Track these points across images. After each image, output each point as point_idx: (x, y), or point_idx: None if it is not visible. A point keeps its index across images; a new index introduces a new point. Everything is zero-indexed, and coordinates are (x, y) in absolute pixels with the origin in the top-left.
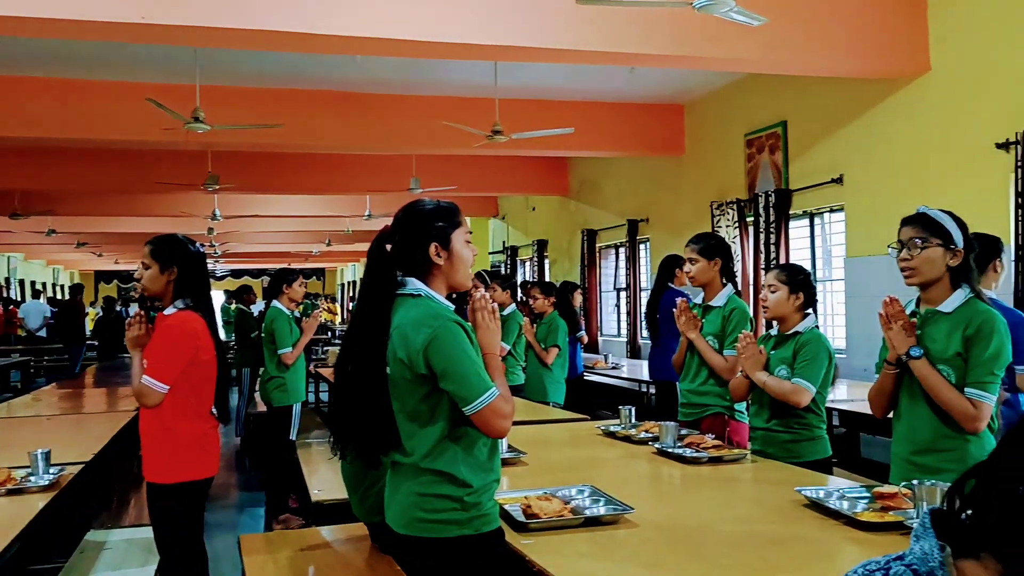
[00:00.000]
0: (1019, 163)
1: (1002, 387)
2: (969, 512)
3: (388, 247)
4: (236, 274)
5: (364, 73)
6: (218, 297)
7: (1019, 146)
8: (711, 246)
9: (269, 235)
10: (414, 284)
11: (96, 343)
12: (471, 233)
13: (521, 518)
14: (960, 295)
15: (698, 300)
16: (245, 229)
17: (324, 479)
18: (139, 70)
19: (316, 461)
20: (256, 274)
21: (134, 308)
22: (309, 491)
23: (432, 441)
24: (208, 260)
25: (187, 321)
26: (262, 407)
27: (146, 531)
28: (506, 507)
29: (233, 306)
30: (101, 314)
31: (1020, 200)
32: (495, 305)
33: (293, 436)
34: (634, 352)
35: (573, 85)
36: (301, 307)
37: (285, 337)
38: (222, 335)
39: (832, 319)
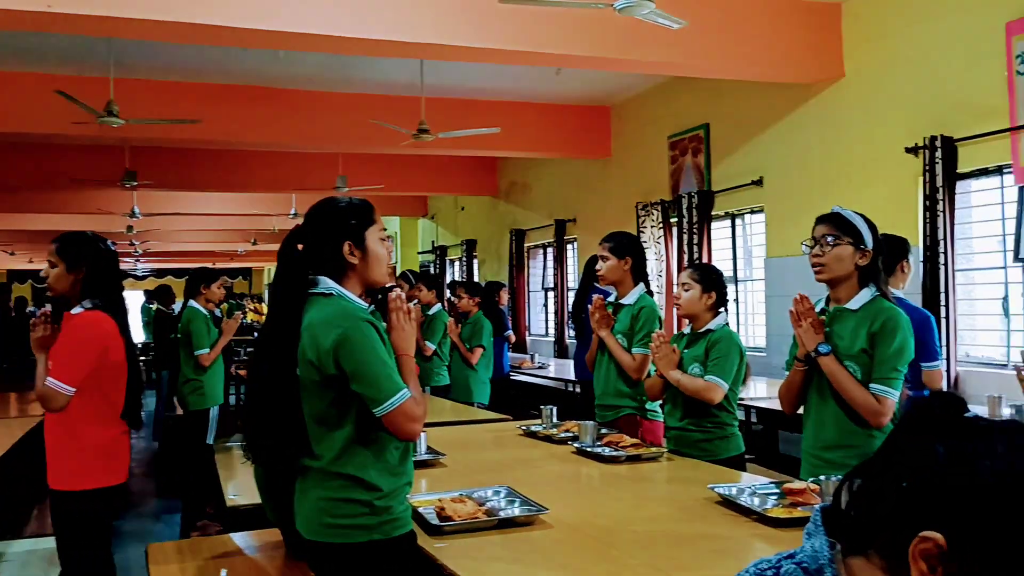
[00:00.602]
0: (927, 167)
1: (905, 384)
2: (855, 509)
3: (300, 246)
4: (159, 273)
5: (288, 69)
6: (138, 297)
7: (927, 151)
8: (622, 244)
9: (192, 233)
10: (326, 283)
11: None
12: (386, 231)
13: (435, 521)
14: (867, 293)
15: (611, 298)
16: (167, 227)
17: (242, 484)
18: (49, 61)
19: (234, 466)
20: (179, 274)
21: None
22: (224, 496)
23: (341, 444)
24: (129, 259)
25: (95, 321)
26: (181, 411)
27: (48, 541)
28: (420, 510)
29: (154, 306)
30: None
31: (928, 203)
32: (411, 305)
33: (210, 440)
34: (561, 351)
35: (500, 85)
36: (225, 306)
37: (202, 338)
38: (141, 336)
39: (752, 318)
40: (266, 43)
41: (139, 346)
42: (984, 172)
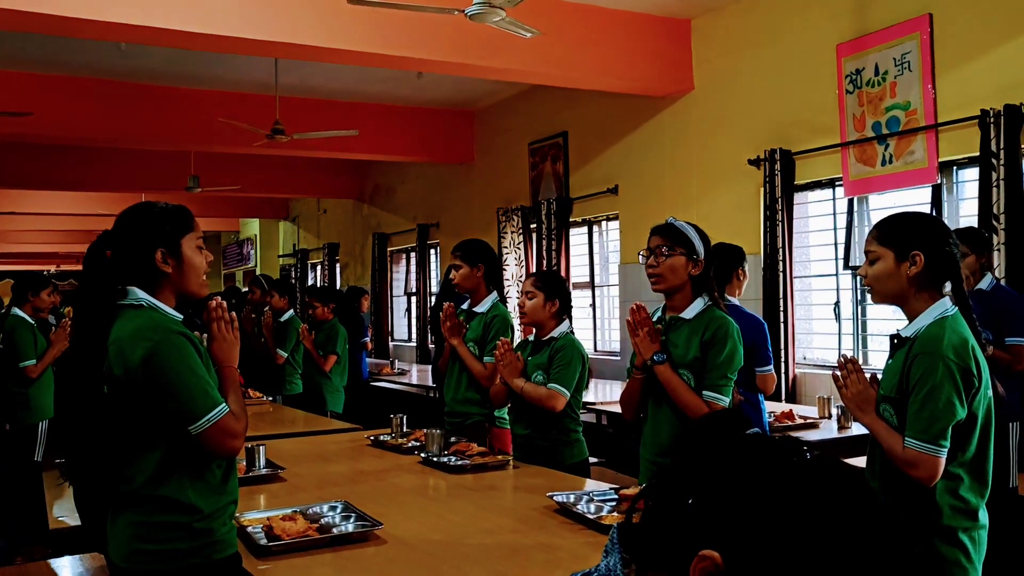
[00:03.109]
0: (767, 178)
1: (738, 389)
2: (646, 526)
3: (108, 253)
4: None
5: (131, 61)
6: None
7: (767, 163)
8: (473, 252)
9: (32, 234)
10: (136, 294)
11: None
12: (203, 238)
13: (263, 541)
14: (699, 303)
15: (464, 306)
16: (3, 227)
17: (69, 505)
18: None
19: (61, 485)
20: (15, 276)
21: None
22: (48, 518)
23: (155, 465)
24: None
25: None
26: (8, 426)
27: None
28: (248, 529)
29: None
30: None
31: (768, 213)
32: (232, 314)
33: (38, 458)
34: (423, 357)
35: (362, 88)
36: (71, 310)
37: (28, 349)
38: None
39: (608, 322)
40: (103, 35)
41: None
42: (819, 184)
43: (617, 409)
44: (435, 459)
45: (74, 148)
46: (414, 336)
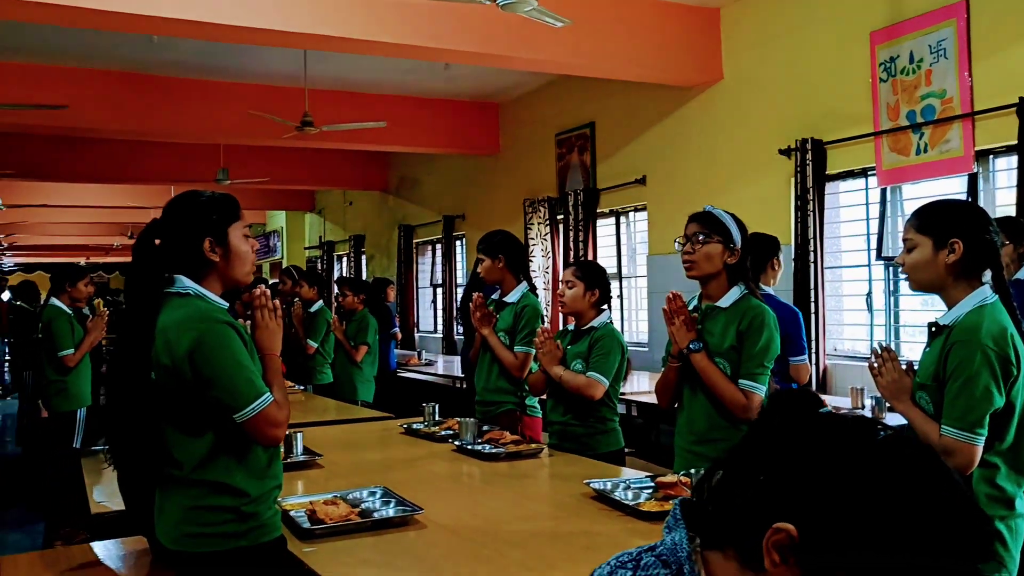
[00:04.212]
0: (798, 169)
1: (774, 378)
2: (714, 503)
3: (157, 241)
4: (28, 268)
5: (162, 55)
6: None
7: (798, 153)
8: (493, 244)
9: (63, 227)
10: (183, 282)
11: None
12: (250, 227)
13: (306, 524)
14: (736, 291)
15: (495, 296)
16: (34, 219)
17: (108, 490)
18: None
19: (101, 470)
20: (50, 269)
21: None
22: (89, 503)
23: (203, 450)
24: None
25: None
26: (46, 413)
27: None
28: (291, 513)
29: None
30: None
31: (799, 203)
32: (276, 302)
33: (77, 444)
34: (449, 348)
35: (389, 79)
36: (100, 301)
37: (65, 338)
38: None
39: (636, 314)
40: (136, 27)
41: None
42: (851, 174)
43: (646, 400)
44: (469, 447)
45: (105, 141)
46: (440, 327)
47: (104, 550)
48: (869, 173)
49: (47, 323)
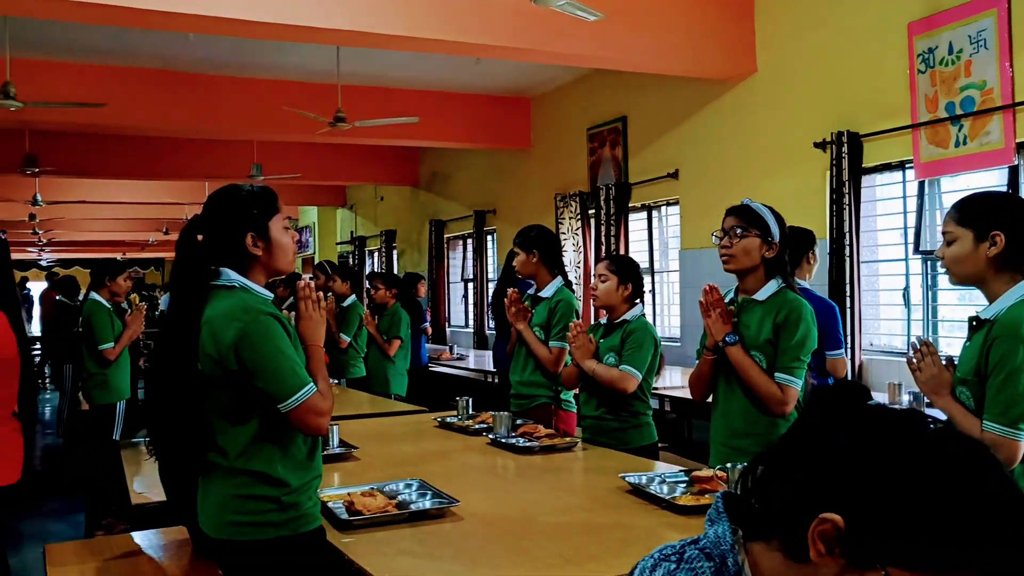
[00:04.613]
0: (834, 162)
1: (810, 372)
2: (758, 495)
3: (200, 236)
4: (66, 264)
5: (198, 52)
6: (41, 287)
7: (834, 146)
8: (528, 239)
9: (100, 222)
10: (228, 275)
11: None
12: (290, 219)
13: (344, 515)
14: (773, 285)
15: (531, 291)
16: (72, 215)
17: (148, 481)
18: None
19: (141, 462)
20: (88, 264)
21: None
22: (129, 493)
23: (246, 440)
24: (32, 249)
25: None
26: (87, 405)
27: None
28: (329, 504)
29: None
30: None
31: (835, 196)
32: (320, 294)
33: (117, 436)
34: (481, 343)
35: (420, 74)
36: (136, 297)
37: (105, 332)
38: (35, 330)
39: (668, 308)
40: (172, 25)
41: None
42: (888, 167)
43: (679, 394)
44: (503, 440)
45: (141, 138)
46: (471, 322)
47: (145, 540)
48: (906, 166)
49: (87, 317)
